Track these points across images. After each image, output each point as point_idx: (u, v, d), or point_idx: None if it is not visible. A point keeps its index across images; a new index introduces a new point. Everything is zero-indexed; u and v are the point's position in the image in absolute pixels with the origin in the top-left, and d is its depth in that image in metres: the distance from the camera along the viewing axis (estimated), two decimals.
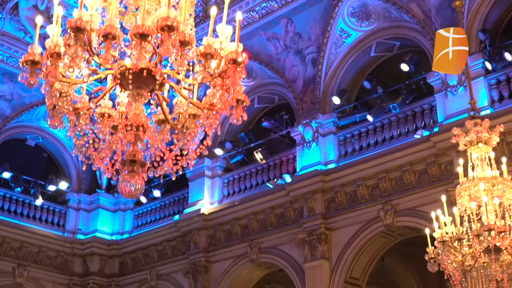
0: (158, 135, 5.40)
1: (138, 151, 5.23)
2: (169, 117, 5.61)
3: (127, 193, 5.12)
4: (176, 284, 20.77)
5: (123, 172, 5.19)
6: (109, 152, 5.29)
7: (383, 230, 16.60)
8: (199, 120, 5.55)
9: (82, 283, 22.88)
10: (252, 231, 19.05)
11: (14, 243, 21.82)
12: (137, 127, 5.18)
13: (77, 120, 5.36)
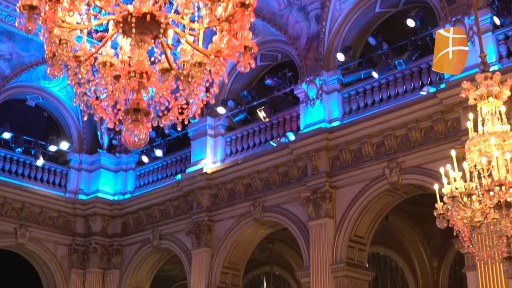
0: (162, 84, 5.14)
1: (142, 99, 4.99)
2: (174, 66, 5.36)
3: (131, 143, 4.89)
4: (179, 244, 20.68)
5: (126, 121, 4.95)
6: (111, 101, 5.04)
7: (388, 188, 16.41)
8: (205, 68, 5.29)
9: (85, 243, 22.81)
10: (255, 190, 18.89)
11: (15, 204, 21.70)
12: (141, 74, 4.93)
13: (77, 68, 5.10)
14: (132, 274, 22.30)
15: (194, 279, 19.62)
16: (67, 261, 22.78)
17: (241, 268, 19.81)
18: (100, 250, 22.66)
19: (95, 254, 22.58)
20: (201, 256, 19.61)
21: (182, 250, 20.56)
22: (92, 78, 5.04)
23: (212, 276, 19.32)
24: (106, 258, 22.75)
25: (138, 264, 22.25)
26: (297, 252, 22.58)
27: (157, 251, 21.92)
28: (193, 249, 19.89)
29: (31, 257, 22.66)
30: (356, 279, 16.72)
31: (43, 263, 22.58)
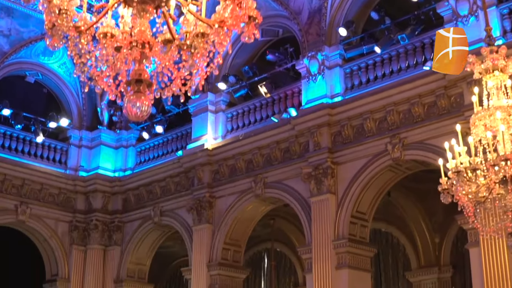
0: (165, 54, 5.00)
1: (144, 70, 4.85)
2: (176, 37, 5.22)
3: (133, 115, 4.76)
4: (180, 220, 20.63)
5: (128, 93, 4.82)
6: (112, 72, 4.91)
7: (390, 164, 16.31)
8: (208, 39, 5.15)
9: (85, 220, 22.76)
10: (256, 166, 18.79)
11: (15, 181, 21.62)
12: (143, 44, 4.79)
13: (77, 39, 4.96)
14: (133, 250, 22.27)
15: (195, 255, 19.59)
16: (68, 238, 22.74)
17: (242, 244, 19.77)
18: (101, 226, 22.61)
19: (96, 230, 22.54)
20: (202, 232, 19.56)
21: (183, 227, 20.51)
22: (93, 48, 4.90)
23: (213, 252, 19.28)
24: (107, 235, 22.71)
25: (139, 241, 22.21)
26: (298, 228, 22.53)
27: (158, 227, 21.87)
28: (194, 225, 19.83)
29: (32, 234, 22.61)
30: (358, 255, 16.67)
31: (44, 240, 22.54)
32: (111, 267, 22.44)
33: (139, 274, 22.62)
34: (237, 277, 19.65)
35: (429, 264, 20.56)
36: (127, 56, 4.82)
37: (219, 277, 19.06)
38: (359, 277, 16.56)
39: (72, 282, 22.29)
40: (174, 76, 5.04)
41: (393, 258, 21.66)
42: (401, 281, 21.39)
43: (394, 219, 20.95)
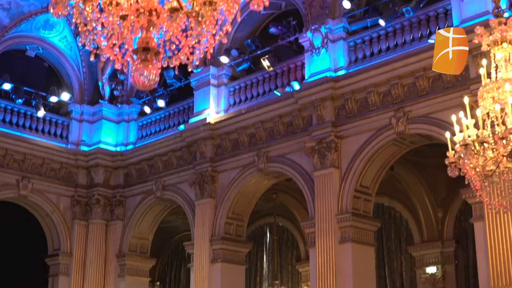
0: (172, 22, 4.86)
1: (151, 38, 4.72)
2: (183, 5, 5.08)
3: (141, 84, 4.64)
4: (182, 195, 20.57)
5: (135, 61, 4.69)
6: (119, 40, 4.77)
7: (394, 138, 16.19)
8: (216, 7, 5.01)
9: (87, 195, 22.70)
10: (259, 140, 18.68)
11: (17, 156, 21.53)
12: (150, 12, 4.65)
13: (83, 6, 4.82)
14: (135, 225, 22.23)
15: (197, 230, 19.54)
16: (70, 213, 22.70)
17: (245, 218, 19.72)
18: (103, 201, 22.56)
19: (98, 205, 22.48)
20: (204, 206, 19.50)
21: (185, 201, 20.45)
22: (98, 15, 4.76)
23: (216, 226, 19.24)
24: (109, 210, 22.66)
25: (141, 215, 22.16)
26: (300, 203, 22.51)
27: (160, 202, 21.80)
28: (196, 200, 19.77)
29: (34, 209, 22.57)
30: (362, 230, 16.62)
31: (46, 215, 22.49)
32: (113, 241, 22.42)
33: (141, 249, 22.61)
34: (240, 251, 19.61)
35: (432, 239, 20.51)
36: (134, 24, 4.68)
37: (221, 251, 19.03)
38: (363, 251, 16.52)
39: (74, 256, 22.28)
40: (182, 45, 4.90)
41: (395, 233, 21.63)
42: (403, 256, 21.38)
43: (397, 193, 20.89)
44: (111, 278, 22.13)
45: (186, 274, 26.53)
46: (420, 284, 20.46)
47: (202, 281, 18.95)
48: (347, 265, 16.07)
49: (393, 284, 21.36)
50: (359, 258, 16.29)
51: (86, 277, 22.16)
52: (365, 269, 16.44)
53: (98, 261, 22.29)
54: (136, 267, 22.33)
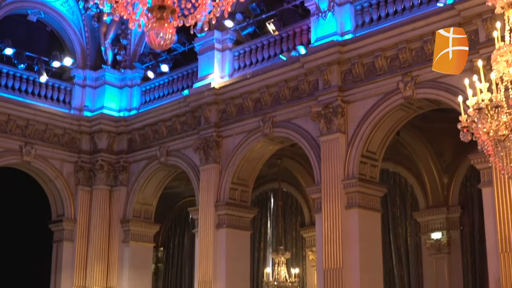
0: None
1: None
2: None
3: (157, 44, 4.48)
4: (187, 160, 20.46)
5: (150, 20, 4.52)
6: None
7: (402, 102, 16.01)
8: None
9: (91, 161, 22.60)
10: (264, 105, 18.51)
11: (20, 121, 21.38)
12: None
13: None
14: (139, 191, 22.16)
15: (202, 195, 19.46)
16: (74, 179, 22.62)
17: (250, 184, 19.64)
18: (107, 167, 22.46)
19: (102, 171, 22.39)
20: (209, 172, 19.40)
21: (189, 167, 20.34)
22: None
23: (221, 192, 19.15)
24: (112, 175, 22.57)
25: (145, 181, 22.08)
26: (305, 168, 22.42)
27: (164, 167, 21.71)
28: (201, 165, 19.66)
29: (37, 175, 22.48)
30: (368, 195, 16.54)
31: (50, 181, 22.41)
32: (117, 207, 22.37)
33: (145, 214, 22.58)
34: (245, 217, 19.56)
35: (437, 204, 20.41)
36: None
37: (226, 217, 18.97)
38: (369, 216, 16.46)
39: (78, 222, 22.26)
40: (198, 3, 4.73)
41: (400, 198, 21.54)
42: (408, 221, 21.31)
43: (402, 159, 20.76)
44: (116, 244, 22.12)
45: (190, 240, 26.55)
46: (425, 249, 20.42)
47: (207, 246, 18.92)
48: (354, 230, 16.01)
49: (397, 250, 21.33)
50: (365, 224, 16.24)
51: (90, 243, 22.15)
52: (371, 235, 16.39)
53: (102, 227, 22.25)
54: (140, 232, 22.31)
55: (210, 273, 18.70)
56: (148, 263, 22.76)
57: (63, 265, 22.11)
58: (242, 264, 19.23)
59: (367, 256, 16.00)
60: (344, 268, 15.77)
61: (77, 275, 21.92)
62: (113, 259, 22.08)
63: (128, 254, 21.95)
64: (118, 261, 21.96)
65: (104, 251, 22.13)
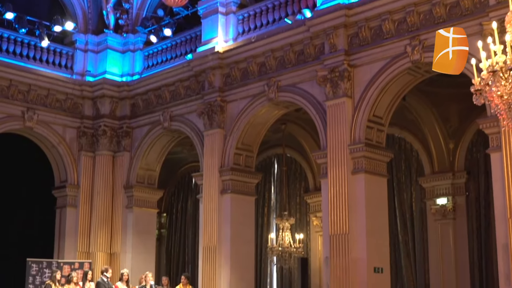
0: None
1: None
2: None
3: (172, 1, 4.27)
4: (191, 125, 20.28)
5: None
6: None
7: (409, 66, 15.75)
8: None
9: (93, 126, 22.45)
10: (269, 69, 18.28)
11: (21, 86, 21.20)
12: None
13: None
14: (142, 156, 22.04)
15: (206, 160, 19.32)
16: (76, 144, 22.51)
17: (254, 149, 19.49)
18: (109, 132, 22.32)
19: (104, 136, 22.26)
20: (213, 137, 19.25)
21: (193, 132, 20.17)
22: None
23: (225, 157, 19.02)
24: (115, 141, 22.44)
25: (149, 147, 21.95)
26: (309, 133, 22.29)
27: (168, 133, 21.55)
28: (205, 130, 19.50)
29: (40, 141, 22.36)
30: (374, 160, 16.36)
31: (52, 147, 22.29)
32: (121, 173, 22.27)
33: (149, 180, 22.49)
34: (249, 182, 19.44)
35: (442, 170, 20.28)
36: None
37: (231, 182, 18.85)
38: (375, 182, 16.32)
39: (82, 188, 22.18)
40: None
41: (406, 164, 21.39)
42: (413, 187, 21.19)
43: (408, 124, 20.59)
44: (119, 210, 22.07)
45: (193, 205, 26.52)
46: (430, 215, 20.35)
47: (212, 212, 18.84)
48: (360, 196, 15.88)
49: (402, 215, 21.24)
50: (371, 189, 16.10)
51: (93, 209, 22.10)
52: (377, 200, 16.27)
53: (105, 192, 22.18)
54: (143, 198, 22.26)
55: (214, 239, 18.65)
56: (151, 229, 22.72)
57: (67, 231, 22.09)
58: (247, 230, 19.16)
59: (373, 221, 15.89)
60: (350, 233, 15.67)
61: (80, 241, 21.91)
62: (116, 225, 22.05)
63: (131, 220, 21.91)
64: (121, 227, 21.93)
65: (107, 217, 22.09)
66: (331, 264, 15.82)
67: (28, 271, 20.18)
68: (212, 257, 18.59)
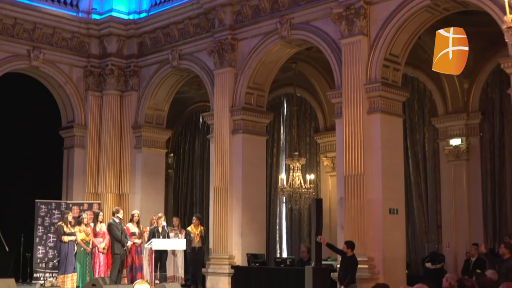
0: None
1: None
2: None
3: None
4: (200, 64, 19.87)
5: None
6: None
7: (428, 4, 15.22)
8: None
9: (100, 65, 22.04)
10: (282, 6, 17.75)
11: (27, 25, 20.72)
12: None
13: None
14: (150, 96, 21.67)
15: (217, 100, 18.98)
16: (83, 84, 22.14)
17: (266, 88, 19.12)
18: (117, 71, 21.92)
19: (112, 76, 21.86)
20: (224, 76, 18.86)
21: (203, 71, 19.76)
22: None
23: (237, 96, 18.66)
24: (123, 80, 22.05)
25: (157, 86, 21.57)
26: (320, 73, 21.91)
27: (177, 72, 21.13)
28: (215, 69, 19.09)
29: (46, 81, 21.99)
30: (390, 100, 16.01)
31: (59, 86, 21.94)
32: (129, 113, 21.94)
33: (157, 120, 22.17)
34: (261, 122, 19.15)
35: (456, 110, 19.89)
36: None
37: (242, 122, 18.54)
38: (391, 122, 16.00)
39: (89, 128, 21.89)
40: None
41: (419, 104, 21.03)
42: (426, 127, 20.86)
43: (421, 63, 20.08)
44: (127, 150, 21.82)
45: (201, 146, 26.29)
46: (443, 156, 20.07)
47: (223, 152, 18.58)
48: (375, 136, 15.58)
49: (415, 156, 20.97)
50: (387, 129, 15.79)
51: (101, 149, 21.86)
52: (393, 141, 15.98)
53: (113, 132, 21.89)
54: (152, 138, 21.99)
55: (226, 179, 18.42)
56: (160, 169, 22.44)
57: (75, 172, 21.89)
58: (258, 170, 18.93)
59: (389, 162, 15.63)
60: (365, 174, 15.42)
61: (89, 181, 21.71)
62: (125, 165, 21.82)
63: (140, 161, 21.66)
64: (130, 168, 21.70)
65: (115, 158, 21.84)
66: (346, 205, 15.61)
67: (37, 212, 20.07)
68: (224, 198, 18.40)
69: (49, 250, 19.97)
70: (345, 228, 15.55)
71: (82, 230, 16.84)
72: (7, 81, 20.61)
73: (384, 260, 15.18)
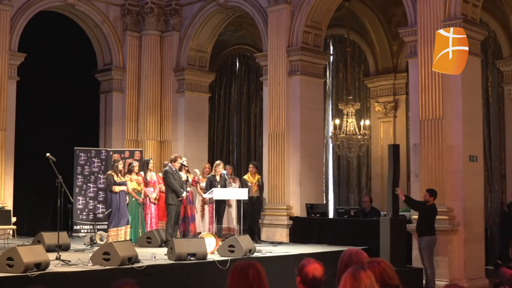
0: None
1: None
2: None
3: None
4: (251, 1, 18.35)
5: None
6: None
7: None
8: None
9: (139, 3, 20.81)
10: None
11: None
12: None
13: None
14: (193, 36, 20.29)
15: (271, 40, 17.61)
16: (121, 23, 20.79)
17: (323, 27, 17.74)
18: (157, 10, 20.53)
19: (151, 15, 20.48)
20: (279, 14, 17.47)
21: (255, 8, 18.34)
22: None
23: (293, 36, 17.32)
24: (163, 20, 20.67)
25: (201, 25, 20.16)
26: (374, 12, 20.70)
27: (223, 10, 19.69)
28: (269, 6, 17.70)
29: (81, 20, 20.66)
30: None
31: (95, 26, 20.60)
32: (170, 54, 20.61)
33: (200, 62, 20.85)
34: (319, 64, 17.86)
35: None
36: None
37: (300, 63, 17.24)
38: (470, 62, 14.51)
39: (128, 71, 20.62)
40: None
41: (482, 45, 19.57)
42: (490, 70, 19.26)
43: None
44: (169, 94, 20.56)
45: (237, 91, 25.12)
46: (509, 101, 18.78)
47: (279, 95, 17.32)
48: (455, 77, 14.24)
49: None
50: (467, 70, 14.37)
51: (141, 93, 20.63)
52: (473, 84, 14.70)
53: (153, 76, 20.61)
54: (195, 82, 20.70)
55: (282, 124, 17.20)
56: (203, 115, 21.14)
57: (113, 117, 20.73)
58: (316, 114, 17.73)
59: (469, 106, 14.37)
60: (444, 118, 14.16)
61: (128, 127, 20.54)
62: (166, 110, 20.59)
63: (183, 105, 20.40)
64: (172, 113, 20.46)
65: (156, 102, 20.60)
66: (422, 152, 14.37)
67: (76, 160, 18.91)
68: (280, 144, 17.21)
69: (89, 200, 18.91)
70: (421, 177, 14.36)
71: (134, 179, 15.66)
72: (41, 21, 19.23)
73: (464, 211, 14.02)
